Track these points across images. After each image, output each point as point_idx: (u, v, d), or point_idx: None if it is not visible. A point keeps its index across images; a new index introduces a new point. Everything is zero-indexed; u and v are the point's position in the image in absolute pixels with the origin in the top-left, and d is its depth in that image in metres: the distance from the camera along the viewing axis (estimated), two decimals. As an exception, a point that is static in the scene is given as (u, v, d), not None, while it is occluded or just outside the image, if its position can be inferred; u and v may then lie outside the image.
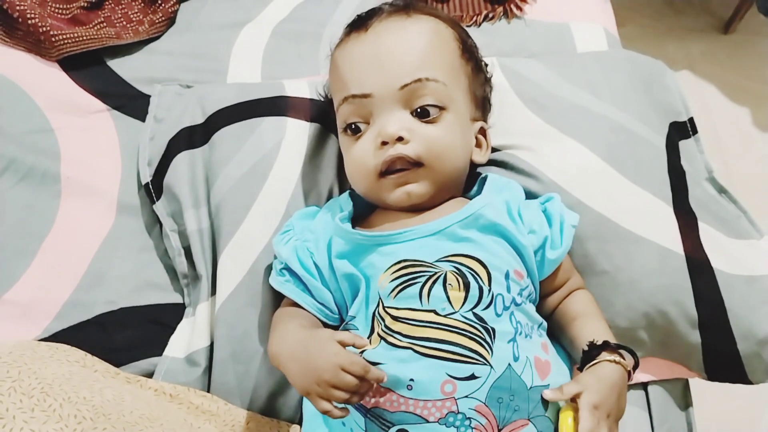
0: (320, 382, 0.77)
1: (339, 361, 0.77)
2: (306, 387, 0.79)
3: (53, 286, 1.07)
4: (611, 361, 0.82)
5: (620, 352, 0.84)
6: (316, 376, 0.78)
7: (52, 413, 0.75)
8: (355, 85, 0.93)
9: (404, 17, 0.96)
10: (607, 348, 0.84)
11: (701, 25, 2.41)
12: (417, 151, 0.90)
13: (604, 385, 0.80)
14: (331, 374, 0.77)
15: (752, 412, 1.74)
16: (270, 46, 1.34)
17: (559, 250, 0.93)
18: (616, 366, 0.82)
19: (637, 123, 1.10)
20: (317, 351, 0.79)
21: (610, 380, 0.81)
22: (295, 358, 0.82)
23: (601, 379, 0.81)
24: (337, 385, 0.77)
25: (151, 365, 1.00)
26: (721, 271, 1.00)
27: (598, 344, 0.84)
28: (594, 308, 0.96)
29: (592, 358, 0.83)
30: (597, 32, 1.34)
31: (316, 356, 0.79)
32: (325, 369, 0.77)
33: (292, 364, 0.82)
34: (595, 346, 0.84)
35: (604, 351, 0.84)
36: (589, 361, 0.84)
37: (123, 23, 1.36)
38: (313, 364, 0.78)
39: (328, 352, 0.78)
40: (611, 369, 0.82)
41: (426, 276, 0.85)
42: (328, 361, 0.77)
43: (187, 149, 1.12)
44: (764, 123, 2.21)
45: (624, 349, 0.84)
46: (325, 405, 0.77)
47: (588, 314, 0.94)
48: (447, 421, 0.79)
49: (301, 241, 0.95)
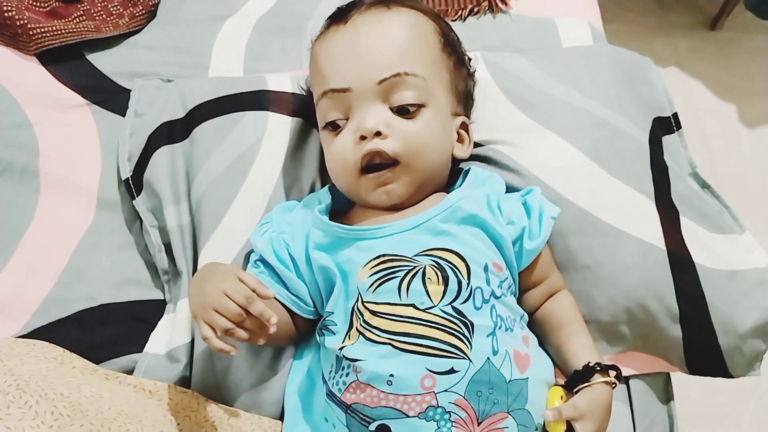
0: (204, 305, 0.80)
1: (223, 287, 0.79)
2: (193, 309, 0.82)
3: (32, 283, 1.06)
4: (605, 383, 0.87)
5: (609, 371, 0.88)
6: (201, 299, 0.80)
7: (29, 410, 0.75)
8: (334, 79, 0.93)
9: (384, 10, 0.96)
10: (600, 370, 0.87)
11: (688, 22, 2.42)
12: (394, 148, 0.90)
13: (600, 410, 0.85)
14: (214, 298, 0.79)
15: (735, 407, 1.75)
16: (252, 39, 1.33)
17: (537, 241, 0.93)
18: (608, 387, 0.87)
19: (620, 118, 1.10)
20: (211, 277, 0.83)
21: (604, 404, 0.86)
22: (195, 283, 0.85)
23: (597, 404, 0.85)
24: (218, 310, 0.78)
25: (132, 362, 0.99)
26: (702, 265, 1.01)
27: (591, 366, 0.88)
28: (578, 316, 0.97)
29: (587, 380, 0.87)
30: (582, 27, 1.34)
31: (208, 281, 0.82)
32: (211, 294, 0.79)
33: (192, 290, 0.85)
34: (589, 369, 0.88)
35: (597, 373, 0.87)
36: (583, 381, 0.87)
37: (103, 16, 1.34)
38: (203, 288, 0.81)
39: (217, 278, 0.81)
40: (604, 391, 0.87)
41: (405, 270, 0.85)
42: (214, 286, 0.80)
43: (168, 144, 1.11)
44: (751, 119, 2.23)
45: (610, 368, 0.88)
46: (206, 331, 0.79)
47: (573, 323, 0.96)
48: (427, 416, 0.80)
49: (277, 233, 0.95)
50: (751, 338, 0.99)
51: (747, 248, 1.05)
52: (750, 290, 1.01)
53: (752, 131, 2.20)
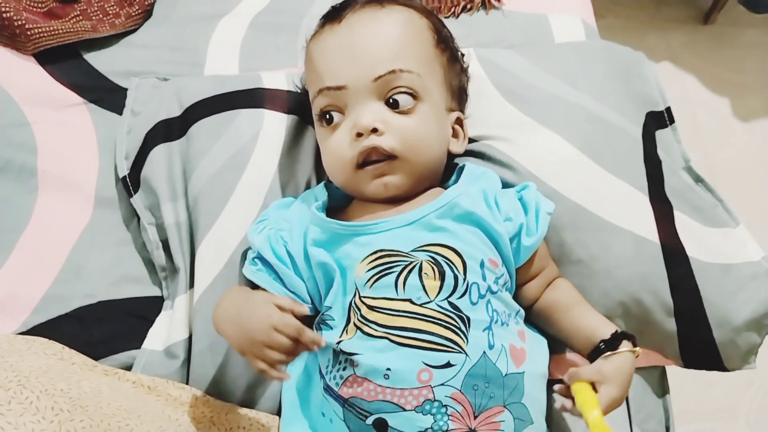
0: (254, 343, 0.79)
1: (272, 323, 0.79)
2: (242, 348, 0.81)
3: (31, 280, 1.07)
4: (631, 351, 0.86)
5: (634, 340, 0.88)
6: (250, 338, 0.80)
7: (29, 405, 0.75)
8: (330, 78, 0.93)
9: (378, 8, 0.96)
10: (626, 337, 0.87)
11: (681, 16, 2.42)
12: (391, 144, 0.90)
13: (624, 377, 0.85)
14: (264, 335, 0.78)
15: (731, 401, 1.76)
16: (248, 38, 1.33)
17: (535, 237, 0.93)
18: (632, 356, 0.86)
19: (613, 113, 1.10)
20: (250, 312, 0.82)
21: (628, 371, 0.85)
22: (229, 320, 0.84)
23: (622, 372, 0.85)
24: (271, 346, 0.78)
25: (130, 358, 1.00)
26: (696, 259, 1.01)
27: (620, 333, 0.88)
28: (581, 296, 0.98)
29: (614, 348, 0.86)
30: (575, 23, 1.34)
31: (249, 317, 0.81)
32: (259, 330, 0.79)
33: (227, 327, 0.84)
34: (617, 336, 0.87)
35: (624, 340, 0.87)
36: (611, 349, 0.86)
37: (99, 16, 1.35)
38: (247, 326, 0.81)
39: (261, 313, 0.80)
40: (629, 359, 0.86)
41: (402, 265, 0.86)
42: (261, 322, 0.79)
43: (164, 142, 1.12)
44: (744, 113, 2.23)
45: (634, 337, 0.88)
46: (260, 365, 0.79)
47: (580, 302, 0.96)
48: (424, 409, 0.80)
49: (275, 230, 0.95)
50: (745, 331, 1.00)
51: (741, 241, 1.06)
52: (744, 283, 1.01)
53: (746, 125, 2.21)
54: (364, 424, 0.82)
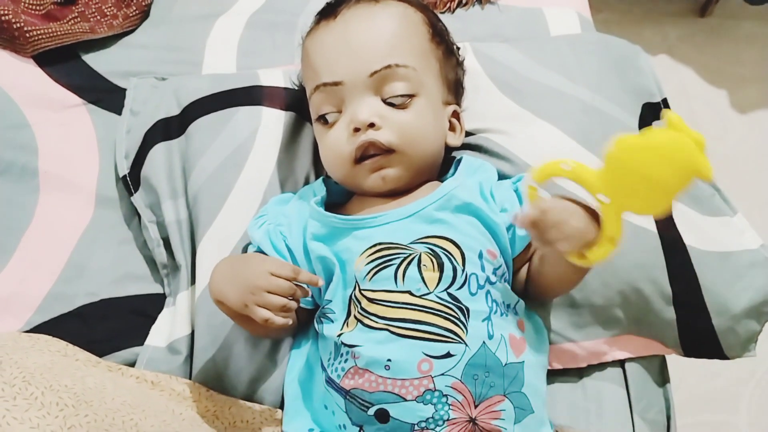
0: (254, 289, 0.81)
1: (267, 267, 0.82)
2: (242, 299, 0.83)
3: (34, 280, 1.07)
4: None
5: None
6: (248, 286, 0.82)
7: (34, 401, 0.76)
8: (326, 74, 0.94)
9: (373, 4, 0.97)
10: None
11: (678, 9, 2.43)
12: (389, 138, 0.91)
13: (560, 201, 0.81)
14: (263, 280, 0.81)
15: (732, 392, 1.76)
16: (245, 36, 1.34)
17: None
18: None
19: (610, 104, 1.11)
20: (246, 265, 0.84)
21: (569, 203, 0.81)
22: (227, 279, 0.86)
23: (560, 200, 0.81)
24: (271, 290, 0.80)
25: (133, 355, 1.01)
26: (694, 248, 1.02)
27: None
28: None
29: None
30: (570, 16, 1.35)
31: (246, 269, 0.84)
32: (257, 276, 0.81)
33: (225, 286, 0.85)
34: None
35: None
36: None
37: (97, 17, 1.36)
38: (244, 276, 0.83)
39: (256, 261, 0.84)
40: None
41: (401, 258, 0.86)
42: (257, 269, 0.82)
43: (164, 141, 1.12)
44: (741, 105, 2.24)
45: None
46: (263, 312, 0.81)
47: None
48: (425, 399, 0.81)
49: (274, 225, 0.96)
50: (744, 319, 1.00)
51: (739, 230, 1.06)
52: (742, 271, 1.01)
53: (743, 116, 2.21)
54: (366, 415, 0.82)
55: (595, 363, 1.03)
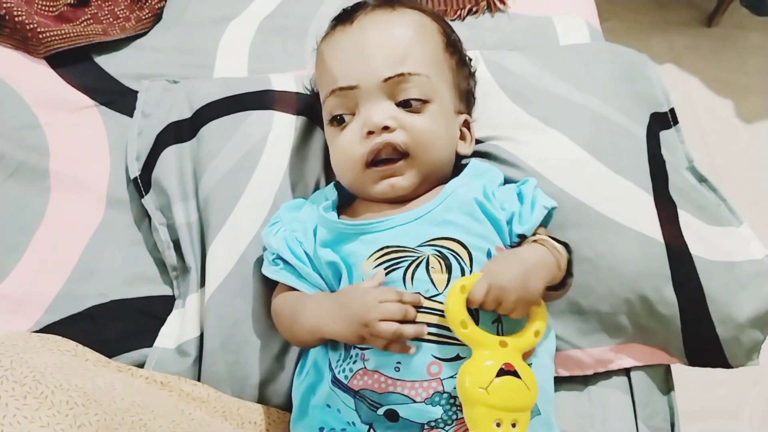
0: (367, 322, 0.81)
1: (374, 296, 0.81)
2: (357, 333, 0.82)
3: (44, 280, 1.08)
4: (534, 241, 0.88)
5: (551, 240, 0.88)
6: (359, 320, 0.81)
7: (44, 400, 0.76)
8: (342, 78, 0.95)
9: (389, 11, 0.98)
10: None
11: (685, 19, 2.43)
12: (404, 140, 0.92)
13: (509, 255, 0.86)
14: (375, 310, 0.80)
15: (735, 400, 1.76)
16: (256, 40, 1.34)
17: (527, 226, 0.93)
18: (535, 245, 0.88)
19: (618, 113, 1.11)
20: (351, 300, 0.84)
21: (521, 255, 0.85)
22: (335, 317, 0.85)
23: (510, 253, 0.86)
24: (383, 317, 0.80)
25: (142, 356, 1.01)
26: (699, 257, 1.02)
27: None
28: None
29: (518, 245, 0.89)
30: (579, 25, 1.35)
31: (351, 304, 0.83)
32: (366, 308, 0.81)
33: (336, 325, 0.85)
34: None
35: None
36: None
37: (110, 20, 1.37)
38: (353, 312, 0.82)
39: (359, 293, 0.83)
40: (528, 247, 0.87)
41: (409, 260, 0.87)
42: (364, 301, 0.82)
43: (175, 143, 1.13)
44: (747, 115, 2.24)
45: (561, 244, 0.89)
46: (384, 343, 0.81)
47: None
48: (433, 401, 0.81)
49: (289, 231, 0.96)
50: (749, 328, 1.01)
51: (744, 240, 1.06)
52: (747, 281, 1.02)
53: (748, 126, 2.22)
54: (376, 415, 0.83)
55: (602, 371, 1.04)
